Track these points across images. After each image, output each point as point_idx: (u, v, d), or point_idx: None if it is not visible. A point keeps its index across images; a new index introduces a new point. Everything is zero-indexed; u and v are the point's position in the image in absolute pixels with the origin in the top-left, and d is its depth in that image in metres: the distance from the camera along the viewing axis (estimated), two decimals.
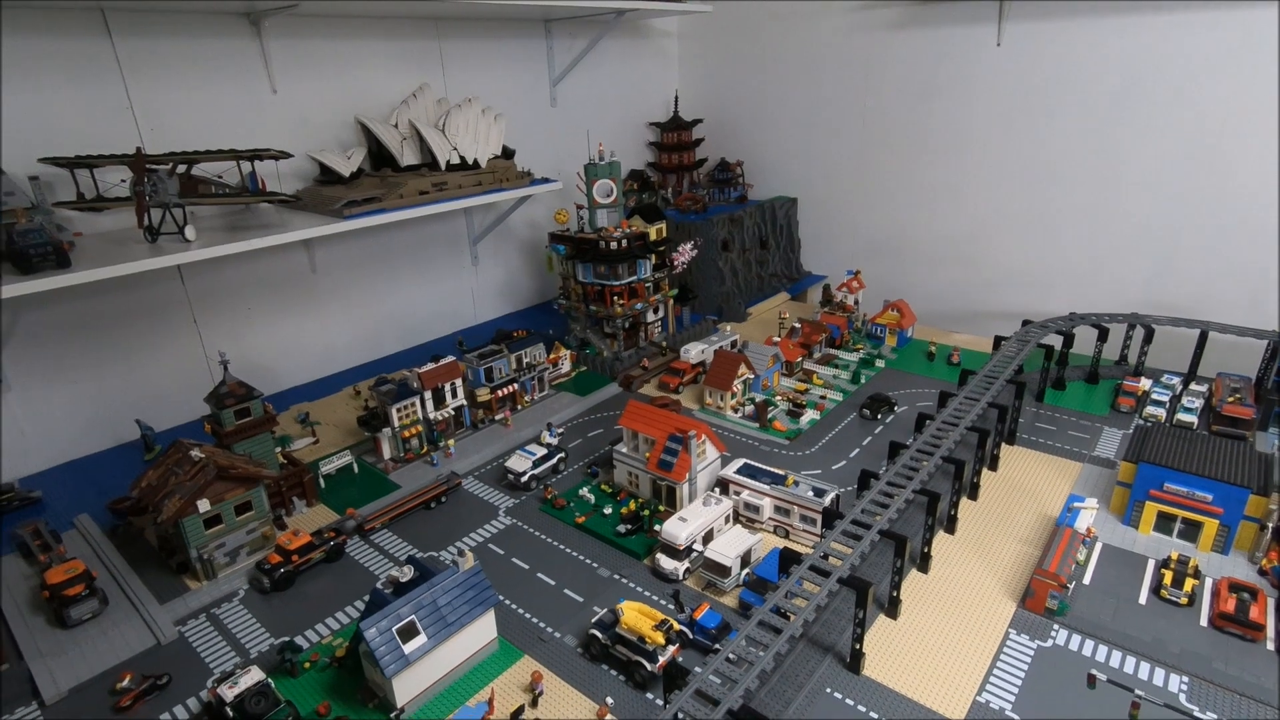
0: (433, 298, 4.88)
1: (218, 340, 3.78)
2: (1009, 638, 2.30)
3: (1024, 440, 3.46)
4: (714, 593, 2.54)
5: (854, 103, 5.31)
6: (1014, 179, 4.75)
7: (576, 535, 2.90)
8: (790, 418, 3.70)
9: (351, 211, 3.50)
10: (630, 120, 5.99)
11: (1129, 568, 2.59)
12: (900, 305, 4.63)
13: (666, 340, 4.56)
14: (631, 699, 2.12)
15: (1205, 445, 2.79)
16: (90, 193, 3.08)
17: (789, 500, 2.78)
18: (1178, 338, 3.92)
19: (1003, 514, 2.93)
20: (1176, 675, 2.14)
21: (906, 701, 2.08)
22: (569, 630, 2.40)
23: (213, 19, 3.50)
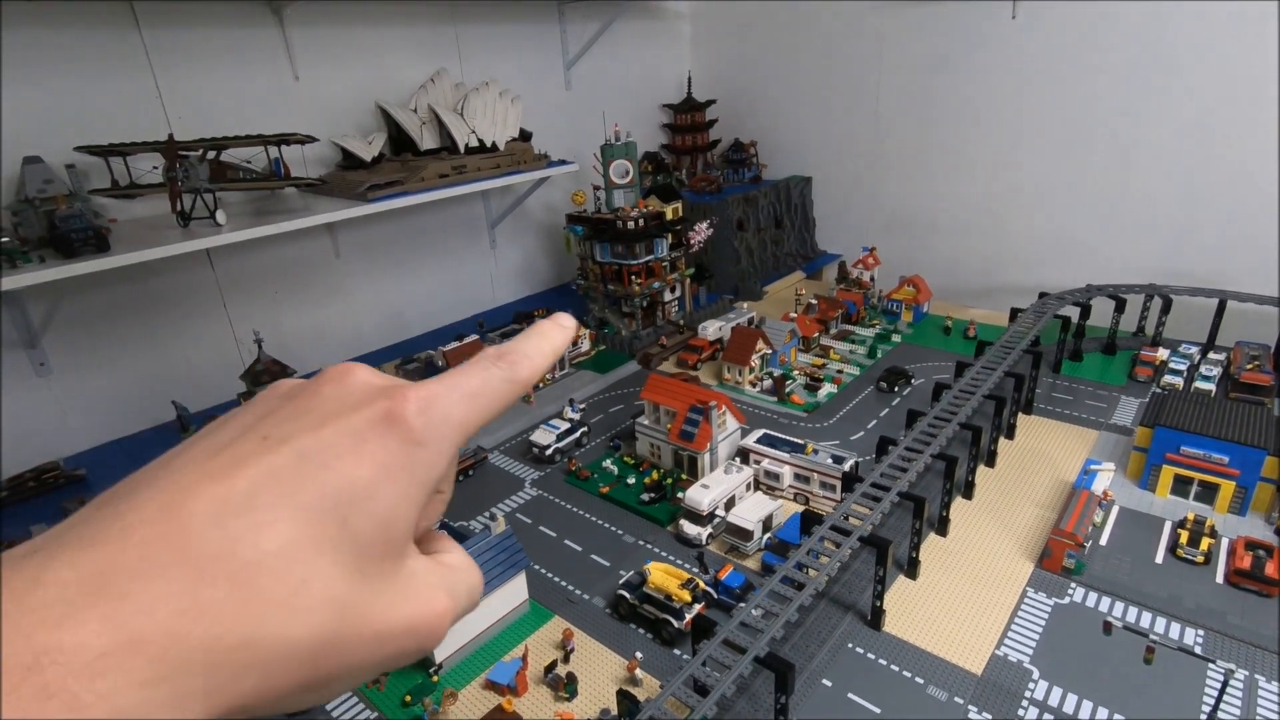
0: (452, 281, 4.97)
1: (247, 323, 3.88)
2: (1027, 595, 2.36)
3: (1041, 410, 3.50)
4: (737, 556, 2.61)
5: (867, 80, 5.31)
6: (1030, 152, 4.74)
7: (601, 504, 2.98)
8: (808, 391, 3.75)
9: (375, 195, 3.57)
10: (644, 102, 6.02)
11: (1146, 529, 2.63)
12: (916, 281, 4.66)
13: (684, 319, 4.62)
14: (660, 654, 2.20)
15: (1222, 409, 2.82)
16: (124, 180, 3.17)
17: (809, 467, 2.84)
18: (1196, 307, 3.92)
19: (1020, 480, 2.97)
20: (1192, 629, 2.19)
21: (926, 655, 2.15)
22: (597, 592, 2.48)
23: (236, 8, 3.57)
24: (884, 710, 1.98)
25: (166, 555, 0.31)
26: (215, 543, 0.32)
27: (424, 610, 0.41)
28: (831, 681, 2.08)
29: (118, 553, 0.31)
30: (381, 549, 0.39)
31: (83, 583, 0.30)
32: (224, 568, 0.32)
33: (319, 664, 0.35)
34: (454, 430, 0.43)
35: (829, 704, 2.01)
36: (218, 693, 0.31)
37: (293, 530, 0.35)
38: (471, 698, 2.10)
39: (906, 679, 2.08)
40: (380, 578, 0.38)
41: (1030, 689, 2.02)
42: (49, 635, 0.28)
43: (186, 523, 0.33)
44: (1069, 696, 1.99)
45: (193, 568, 0.31)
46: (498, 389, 0.46)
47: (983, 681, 2.05)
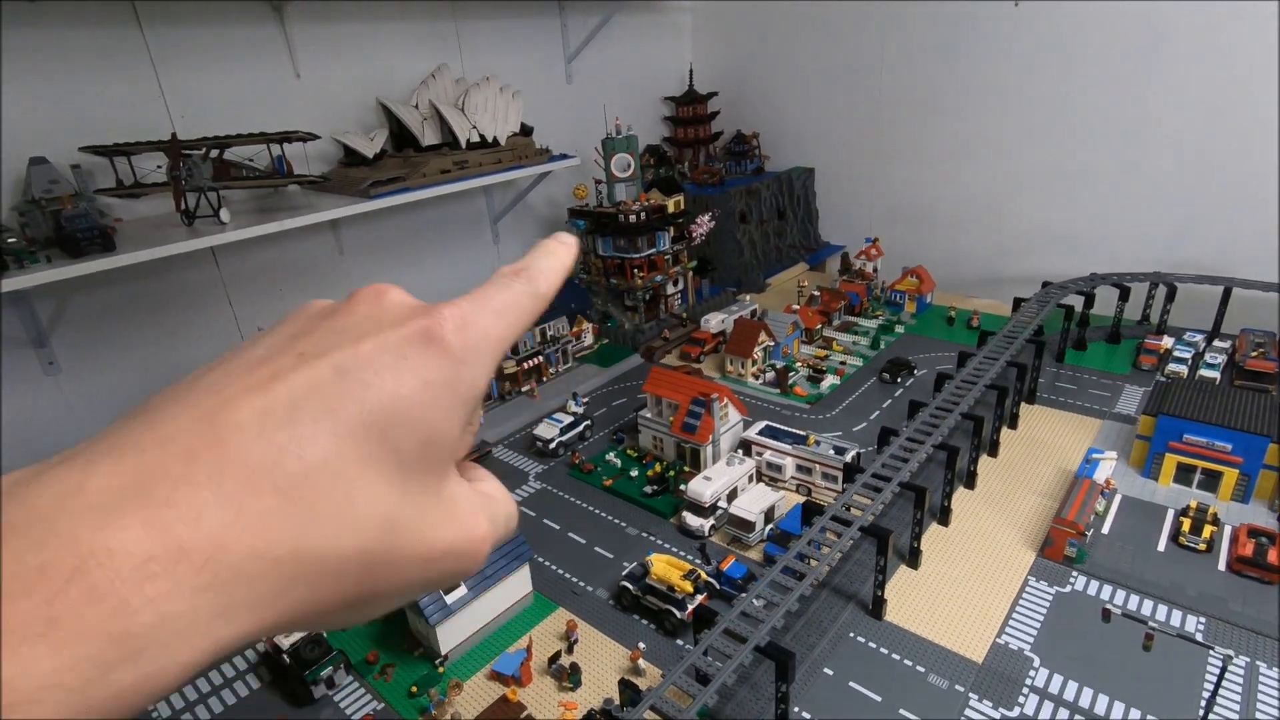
0: (456, 276, 4.98)
1: (252, 321, 3.90)
2: (1028, 584, 2.37)
3: (1044, 399, 3.49)
4: (739, 547, 2.63)
5: (870, 70, 5.28)
6: (1033, 140, 4.72)
7: (605, 497, 3.00)
8: (811, 383, 3.76)
9: (377, 191, 3.59)
10: (645, 95, 6.00)
11: (1148, 518, 2.63)
12: (919, 271, 4.65)
13: (686, 311, 4.63)
14: (663, 645, 2.22)
15: (1225, 397, 2.81)
16: (128, 179, 3.19)
17: (810, 459, 2.85)
18: (1201, 295, 3.90)
19: (1022, 469, 2.98)
20: (1193, 616, 2.19)
21: (928, 644, 2.16)
22: (601, 584, 2.50)
23: (237, 6, 3.58)
24: (885, 698, 2.00)
25: (210, 465, 0.31)
26: (259, 454, 0.32)
27: (467, 533, 0.41)
28: (833, 670, 2.10)
29: (159, 461, 0.30)
30: (425, 467, 0.38)
31: (125, 489, 0.29)
32: (269, 479, 0.31)
33: (365, 580, 0.35)
34: (492, 346, 0.43)
35: (830, 692, 2.03)
36: (265, 604, 0.31)
37: (337, 444, 0.34)
38: (477, 688, 2.12)
39: (907, 667, 2.09)
40: (424, 496, 0.38)
41: (1031, 677, 2.03)
42: (94, 538, 0.27)
43: (229, 434, 0.32)
44: (1069, 684, 2.00)
45: (237, 478, 0.31)
46: (524, 304, 0.46)
47: (984, 670, 2.06)
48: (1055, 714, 1.92)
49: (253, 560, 0.30)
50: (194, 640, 0.29)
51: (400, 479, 0.37)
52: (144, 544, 0.28)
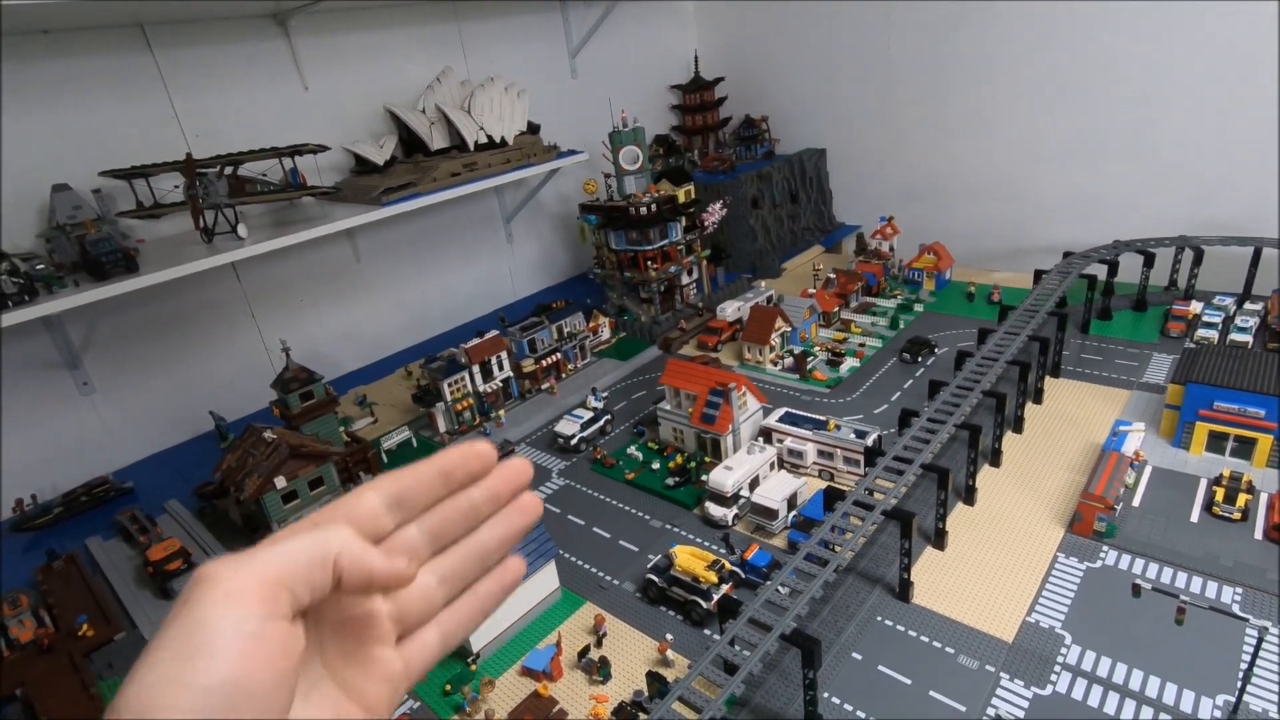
0: (472, 278, 5.02)
1: (275, 332, 3.97)
2: (1057, 561, 2.34)
3: (1069, 372, 3.44)
4: (763, 535, 2.63)
5: (878, 45, 5.19)
6: (1050, 108, 4.61)
7: (627, 491, 3.02)
8: (830, 367, 3.73)
9: (389, 198, 3.63)
10: (651, 85, 5.97)
11: (1180, 488, 2.58)
12: (936, 248, 4.58)
13: (703, 301, 4.62)
14: (690, 635, 2.24)
15: (1256, 362, 2.74)
16: (148, 201, 3.26)
17: (831, 444, 2.84)
18: (1229, 257, 3.80)
19: (1048, 445, 2.94)
20: (1230, 587, 2.15)
21: (957, 625, 2.15)
22: (627, 577, 2.52)
23: (243, 24, 3.63)
24: (914, 681, 2.00)
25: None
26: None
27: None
28: (861, 655, 2.10)
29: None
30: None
31: None
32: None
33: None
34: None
35: (859, 676, 2.03)
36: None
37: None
38: (509, 684, 2.16)
39: (937, 649, 2.08)
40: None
41: (1063, 654, 2.02)
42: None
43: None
44: (1103, 660, 1.98)
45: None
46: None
47: (1014, 649, 2.05)
48: (1089, 691, 1.91)
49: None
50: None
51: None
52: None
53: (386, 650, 0.57)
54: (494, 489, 0.60)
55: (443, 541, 0.60)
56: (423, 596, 0.59)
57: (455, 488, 0.59)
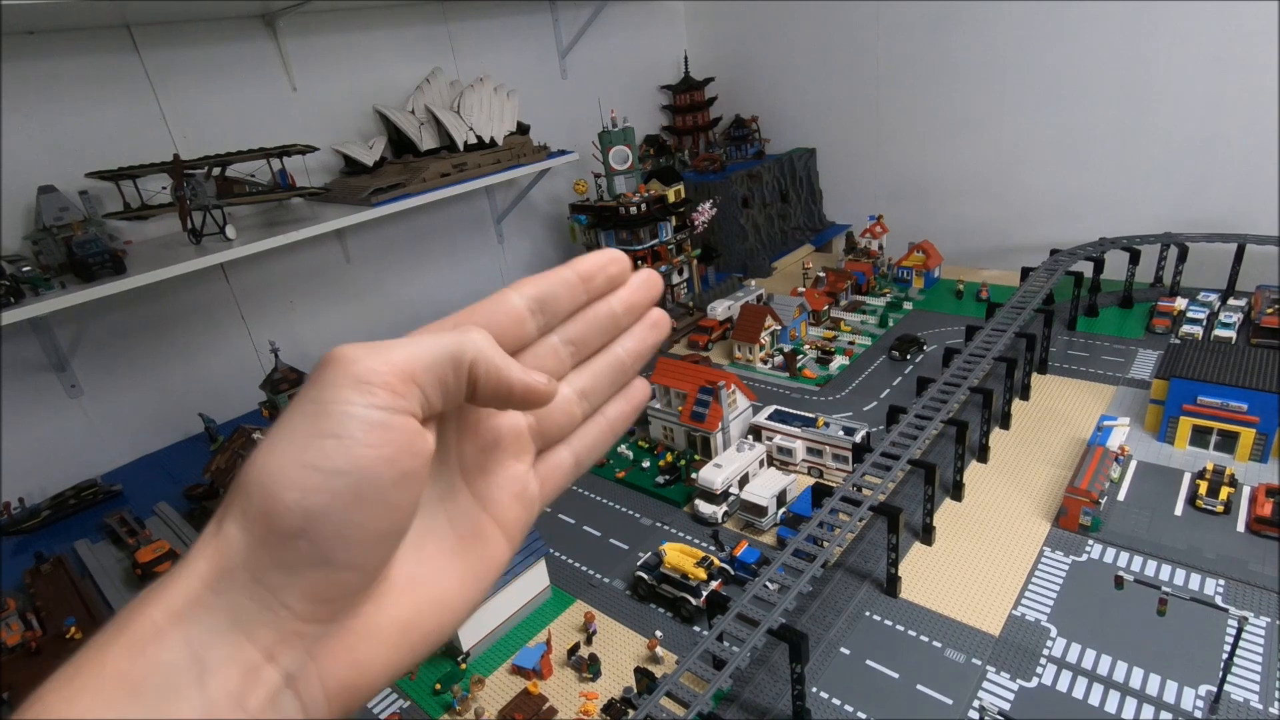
0: (463, 278, 5.02)
1: (264, 334, 3.96)
2: (1043, 555, 2.36)
3: (1056, 368, 3.46)
4: (752, 532, 2.64)
5: (866, 45, 5.22)
6: (1036, 106, 4.64)
7: (618, 489, 3.03)
8: (820, 364, 3.75)
9: (379, 199, 3.62)
10: (642, 85, 5.99)
11: (1164, 482, 2.61)
12: (925, 246, 4.61)
13: (693, 300, 4.63)
14: (680, 632, 2.25)
15: (1239, 357, 2.78)
16: (135, 202, 3.25)
17: (820, 441, 2.86)
18: (1214, 254, 3.84)
19: (1036, 440, 2.96)
20: (1212, 579, 2.18)
21: (944, 619, 2.17)
22: (617, 575, 2.53)
23: (230, 25, 3.62)
24: (902, 675, 2.01)
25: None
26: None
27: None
28: (849, 650, 2.11)
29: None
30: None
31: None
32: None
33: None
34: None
35: (847, 671, 2.05)
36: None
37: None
38: (499, 683, 2.16)
39: (924, 643, 2.10)
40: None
41: (1048, 647, 2.03)
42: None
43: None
44: (1087, 652, 2.00)
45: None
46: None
47: (1000, 642, 2.07)
48: (1074, 682, 1.93)
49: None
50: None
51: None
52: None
53: (523, 467, 0.54)
54: (632, 299, 0.58)
55: (584, 353, 0.57)
56: (564, 410, 0.56)
57: (595, 295, 0.56)
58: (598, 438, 0.60)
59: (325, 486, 0.39)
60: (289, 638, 0.40)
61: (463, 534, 0.51)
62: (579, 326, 0.56)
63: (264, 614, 0.40)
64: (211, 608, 0.39)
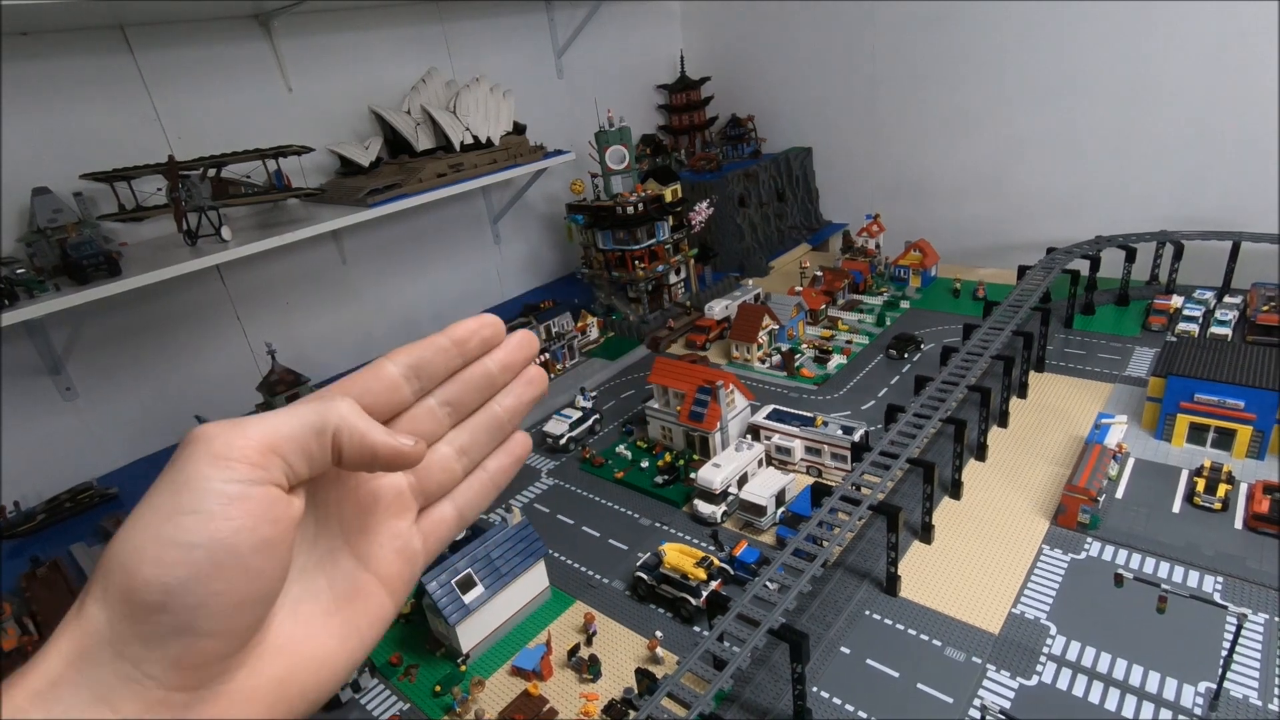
0: (459, 279, 5.01)
1: (261, 335, 3.95)
2: (1043, 553, 2.36)
3: (1053, 366, 3.47)
4: (752, 532, 2.64)
5: (862, 44, 5.23)
6: (1032, 105, 4.65)
7: (617, 490, 3.02)
8: (817, 364, 3.75)
9: (375, 199, 3.61)
10: (638, 85, 5.98)
11: (1162, 480, 2.61)
12: (922, 245, 4.62)
13: (690, 300, 4.63)
14: (679, 632, 2.25)
15: (1235, 354, 2.78)
16: (130, 204, 3.23)
17: (819, 440, 2.86)
18: (1209, 252, 3.85)
19: (1034, 438, 2.97)
20: (1211, 576, 2.18)
21: (943, 618, 2.17)
22: (616, 575, 2.53)
23: (225, 25, 3.61)
24: (902, 674, 2.01)
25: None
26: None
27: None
28: (850, 649, 2.11)
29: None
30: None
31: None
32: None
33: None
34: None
35: (848, 670, 2.05)
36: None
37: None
38: (499, 684, 2.16)
39: (924, 642, 2.10)
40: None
41: (1048, 645, 2.04)
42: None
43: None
44: (1087, 650, 2.00)
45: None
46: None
47: (1000, 640, 2.07)
48: (1073, 680, 1.93)
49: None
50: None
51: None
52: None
53: (404, 524, 0.57)
54: (508, 359, 0.60)
55: (462, 412, 0.60)
56: (443, 467, 0.59)
57: (471, 358, 0.59)
58: (479, 491, 0.62)
59: (184, 560, 0.41)
60: (155, 707, 0.41)
61: (343, 593, 0.53)
62: (455, 388, 0.58)
63: (128, 686, 0.40)
64: (74, 684, 0.40)
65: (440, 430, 0.58)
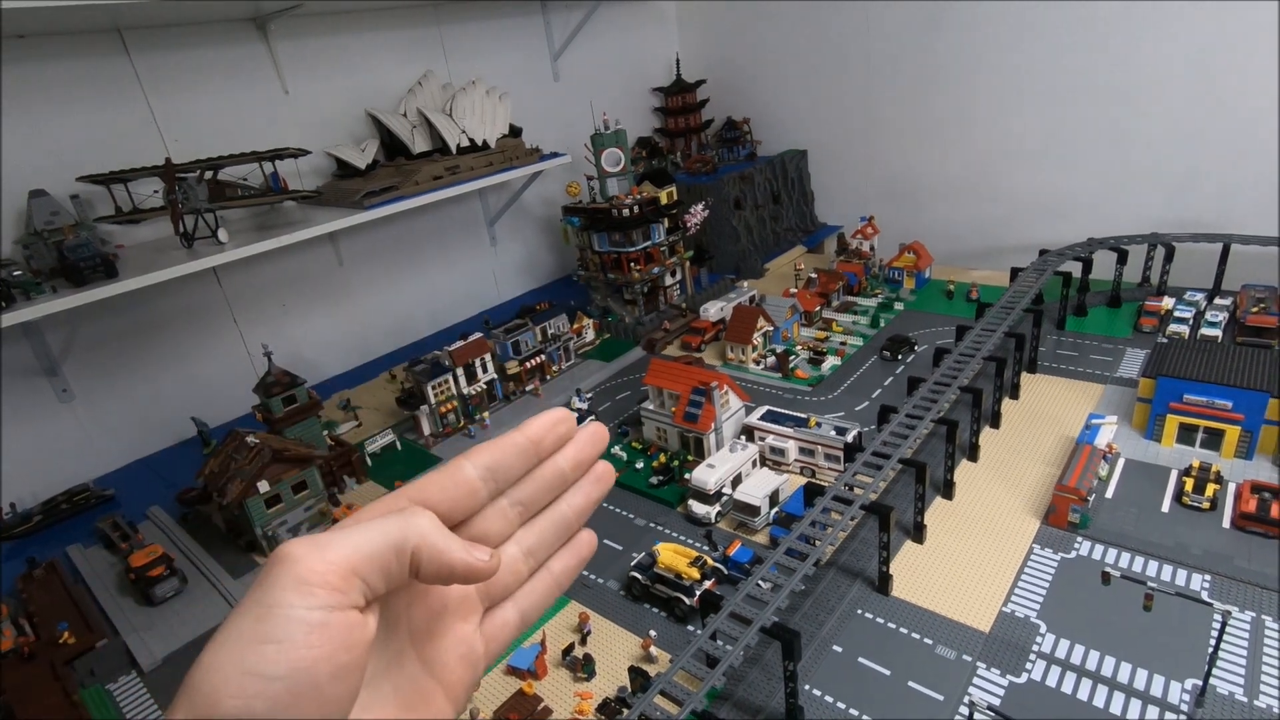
0: (456, 281, 5.03)
1: (257, 337, 3.96)
2: (1033, 553, 2.38)
3: (1045, 368, 3.50)
4: (746, 532, 2.66)
5: (856, 48, 5.26)
6: (1024, 108, 4.68)
7: (612, 490, 3.02)
8: (812, 365, 3.77)
9: (371, 201, 3.63)
10: (634, 88, 6.01)
11: (1151, 479, 2.64)
12: (916, 247, 4.64)
13: (686, 302, 4.65)
14: (673, 631, 2.26)
15: (1224, 355, 2.81)
16: (127, 206, 3.25)
17: (812, 440, 2.88)
18: (1200, 254, 3.89)
19: (1025, 439, 2.99)
20: (1199, 575, 2.21)
21: (935, 617, 2.19)
22: (611, 576, 2.55)
23: (221, 28, 3.63)
24: (893, 672, 2.03)
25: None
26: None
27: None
28: (842, 648, 2.13)
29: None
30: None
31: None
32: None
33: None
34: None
35: (840, 668, 2.06)
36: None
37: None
38: (493, 684, 2.17)
39: (915, 640, 2.12)
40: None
41: (1038, 643, 2.06)
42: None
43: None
44: (1076, 648, 2.03)
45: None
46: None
47: (991, 639, 2.09)
48: (1062, 678, 1.95)
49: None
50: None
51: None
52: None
53: (469, 628, 0.56)
54: (579, 455, 0.60)
55: (531, 511, 0.59)
56: (511, 570, 0.58)
57: (544, 455, 0.58)
58: (543, 593, 0.61)
59: (264, 692, 0.42)
60: None
61: (406, 700, 0.53)
62: (528, 488, 0.58)
63: None
64: None
65: (509, 530, 0.58)
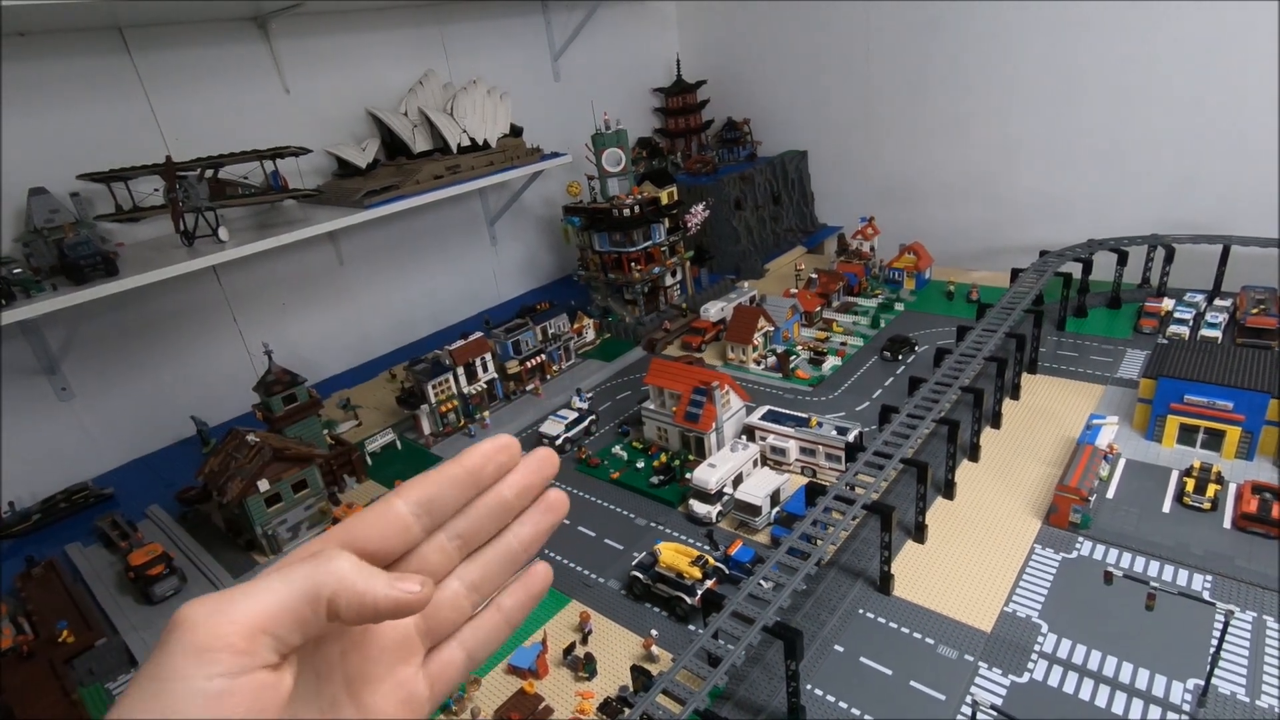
0: (456, 280, 5.02)
1: (257, 336, 3.95)
2: (1034, 553, 2.38)
3: (1046, 368, 3.50)
4: (747, 532, 2.66)
5: (857, 49, 5.26)
6: (1025, 109, 4.69)
7: (612, 490, 3.04)
8: (812, 365, 3.77)
9: (371, 201, 3.63)
10: (634, 88, 6.01)
11: (1152, 480, 2.64)
12: (916, 248, 4.65)
13: (686, 302, 4.64)
14: (674, 630, 2.26)
15: (1225, 356, 2.81)
16: (127, 204, 3.24)
17: (813, 440, 2.88)
18: (1200, 255, 3.89)
19: (1026, 439, 2.99)
20: (1200, 575, 2.21)
21: (936, 616, 2.19)
22: (612, 575, 2.54)
23: (222, 26, 3.62)
24: (895, 672, 2.03)
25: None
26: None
27: None
28: (843, 647, 2.13)
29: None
30: None
31: None
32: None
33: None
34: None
35: (841, 668, 2.06)
36: None
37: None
38: (495, 683, 2.17)
39: (917, 640, 2.12)
40: None
41: (1040, 643, 2.06)
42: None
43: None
44: (1078, 648, 2.02)
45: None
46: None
47: (992, 638, 2.09)
48: (1064, 678, 1.95)
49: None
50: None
51: None
52: None
53: (410, 670, 0.53)
54: (523, 483, 0.56)
55: (473, 544, 0.55)
56: (452, 605, 0.55)
57: (485, 485, 0.54)
58: (491, 630, 0.57)
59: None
60: None
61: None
62: (468, 520, 0.54)
63: None
64: None
65: (450, 564, 0.54)
